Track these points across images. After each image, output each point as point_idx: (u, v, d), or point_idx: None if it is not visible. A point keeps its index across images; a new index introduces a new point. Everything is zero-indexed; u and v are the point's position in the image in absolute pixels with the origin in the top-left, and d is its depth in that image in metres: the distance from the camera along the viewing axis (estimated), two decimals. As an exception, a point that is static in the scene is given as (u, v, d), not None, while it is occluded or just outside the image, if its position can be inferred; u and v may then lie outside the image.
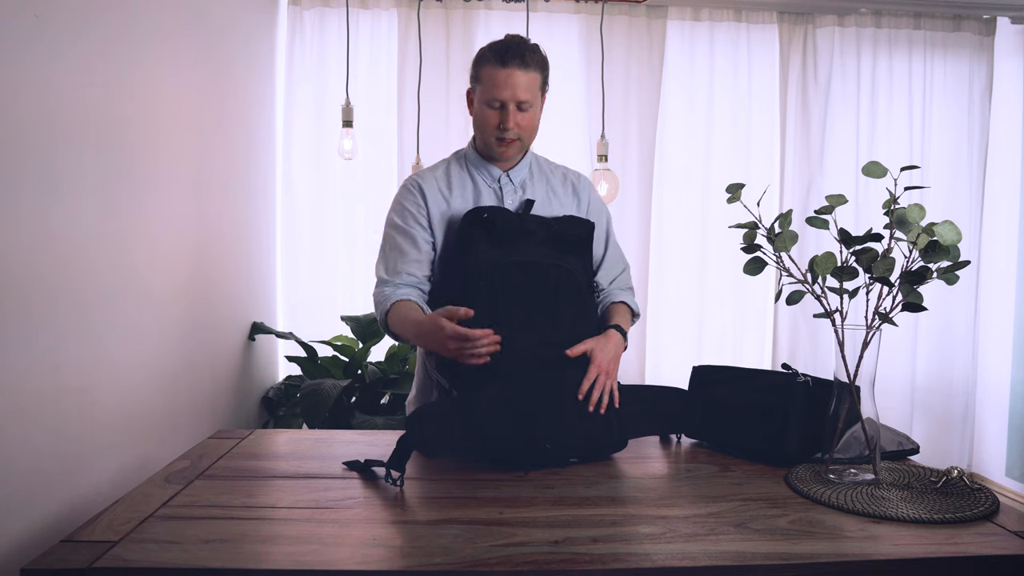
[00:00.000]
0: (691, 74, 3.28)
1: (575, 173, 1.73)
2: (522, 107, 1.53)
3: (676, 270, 3.31)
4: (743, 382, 1.47)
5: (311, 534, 1.02)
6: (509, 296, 1.41)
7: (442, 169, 1.65)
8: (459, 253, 1.50)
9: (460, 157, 1.67)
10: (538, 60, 1.54)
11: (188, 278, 2.08)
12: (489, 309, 1.39)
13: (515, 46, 1.52)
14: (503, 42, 1.53)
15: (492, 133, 1.55)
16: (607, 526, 1.06)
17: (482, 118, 1.56)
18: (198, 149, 2.14)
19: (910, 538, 1.02)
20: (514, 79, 1.50)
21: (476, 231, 1.47)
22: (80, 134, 1.48)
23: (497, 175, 1.63)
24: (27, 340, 1.31)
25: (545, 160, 1.73)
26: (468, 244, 1.47)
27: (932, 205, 3.09)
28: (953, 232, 1.14)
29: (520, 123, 1.54)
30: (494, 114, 1.54)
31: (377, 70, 3.15)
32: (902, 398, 3.38)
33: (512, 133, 1.54)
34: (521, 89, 1.51)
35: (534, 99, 1.54)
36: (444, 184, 1.62)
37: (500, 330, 1.32)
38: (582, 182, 1.71)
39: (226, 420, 2.43)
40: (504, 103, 1.52)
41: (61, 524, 1.38)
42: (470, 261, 1.45)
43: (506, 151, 1.58)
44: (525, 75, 1.51)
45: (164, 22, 1.89)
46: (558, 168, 1.73)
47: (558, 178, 1.70)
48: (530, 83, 1.52)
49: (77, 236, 1.48)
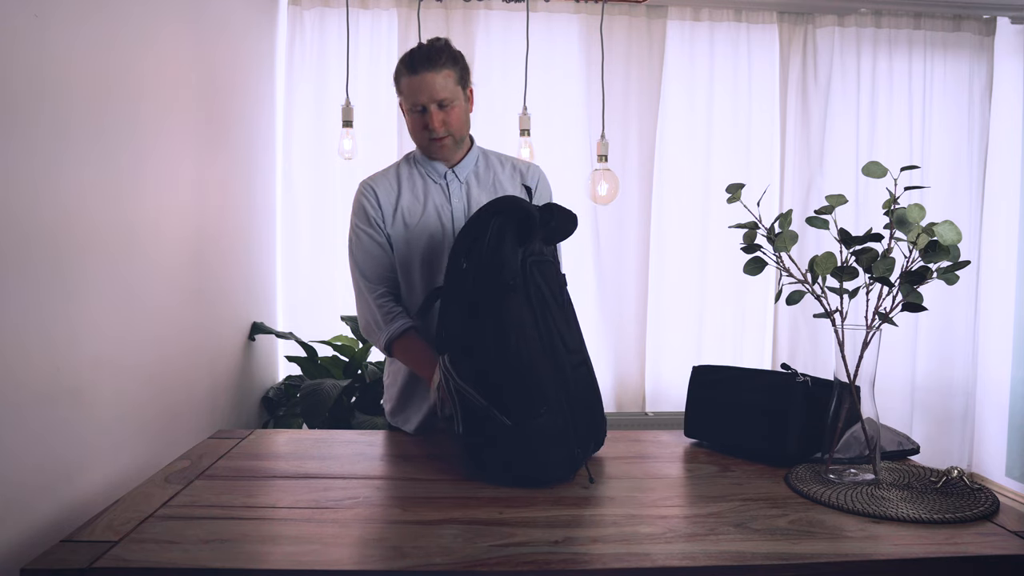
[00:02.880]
0: (691, 74, 3.28)
1: (524, 163, 1.75)
2: (443, 105, 1.57)
3: (676, 270, 3.31)
4: (743, 382, 1.47)
5: (311, 534, 1.02)
6: (537, 299, 1.31)
7: (393, 170, 1.71)
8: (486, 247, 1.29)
9: (409, 159, 1.72)
10: (448, 57, 1.57)
11: (188, 278, 2.08)
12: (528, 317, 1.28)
13: (422, 51, 1.57)
14: (411, 51, 1.58)
15: (422, 136, 1.61)
16: (607, 526, 1.06)
17: (410, 126, 1.62)
18: (198, 149, 2.14)
19: (910, 538, 1.02)
20: (427, 82, 1.54)
21: (503, 229, 1.30)
22: (79, 134, 1.48)
23: (443, 171, 1.67)
24: (27, 340, 1.31)
25: (494, 153, 1.76)
26: (500, 240, 1.28)
27: (932, 205, 3.10)
28: (953, 232, 1.14)
29: (446, 121, 1.58)
30: (419, 118, 1.59)
31: (377, 70, 3.15)
32: (902, 398, 3.38)
33: (440, 132, 1.58)
34: (437, 89, 1.55)
35: (453, 95, 1.58)
36: (394, 182, 1.67)
37: None
38: (531, 171, 1.73)
39: (226, 420, 2.43)
40: (424, 106, 1.57)
41: (61, 524, 1.38)
42: (503, 259, 1.27)
43: (440, 150, 1.63)
44: (438, 75, 1.55)
45: (163, 22, 1.89)
46: (507, 160, 1.75)
47: (507, 170, 1.72)
48: (444, 81, 1.56)
49: (76, 236, 1.48)
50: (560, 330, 1.32)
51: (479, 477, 1.27)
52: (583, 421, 1.32)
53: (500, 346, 1.24)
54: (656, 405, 3.32)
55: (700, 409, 1.53)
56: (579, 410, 1.31)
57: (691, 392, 1.55)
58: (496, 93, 3.15)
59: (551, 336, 1.29)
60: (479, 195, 1.67)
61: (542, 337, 1.27)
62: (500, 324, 1.24)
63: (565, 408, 1.25)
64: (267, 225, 2.98)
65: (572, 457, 1.26)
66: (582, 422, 1.31)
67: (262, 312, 2.88)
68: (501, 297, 1.25)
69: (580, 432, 1.29)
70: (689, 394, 1.55)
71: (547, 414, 1.22)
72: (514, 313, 1.25)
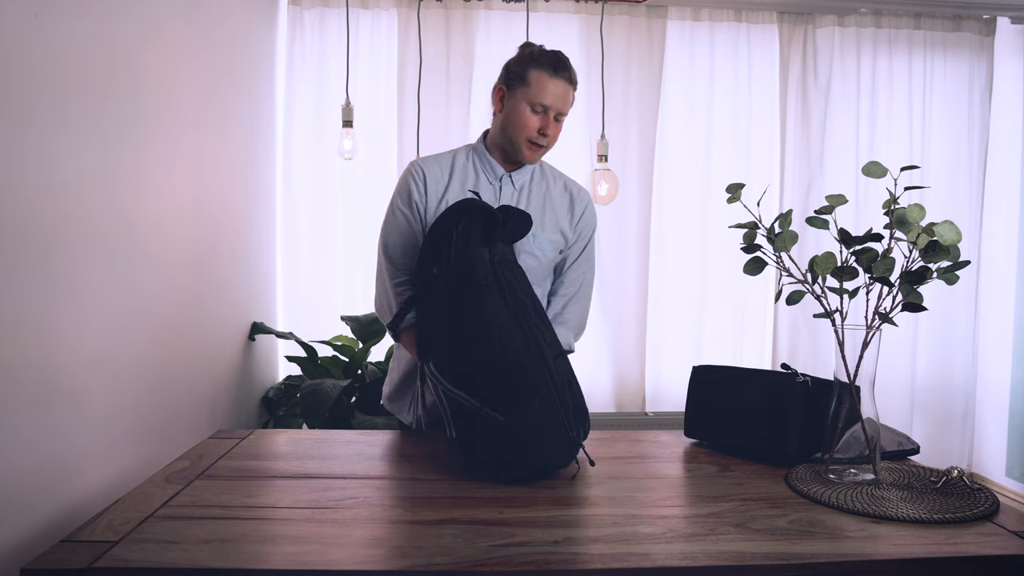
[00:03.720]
0: (691, 74, 3.28)
1: (576, 185, 1.77)
2: (558, 119, 1.61)
3: (676, 270, 3.31)
4: (743, 382, 1.47)
5: (311, 534, 1.02)
6: (511, 295, 1.32)
7: (448, 158, 1.69)
8: (453, 248, 1.31)
9: (469, 149, 1.71)
10: (576, 79, 1.63)
11: (188, 278, 2.08)
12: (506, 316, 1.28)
13: (563, 59, 1.60)
14: (552, 52, 1.60)
15: (528, 135, 1.61)
16: (607, 526, 1.06)
17: (522, 119, 1.60)
18: (197, 148, 2.14)
19: (910, 538, 1.02)
20: (564, 91, 1.59)
21: (470, 229, 1.32)
22: (78, 130, 1.48)
23: (500, 174, 1.67)
24: (26, 339, 1.31)
25: (551, 168, 1.77)
26: (465, 246, 1.31)
27: (932, 205, 3.11)
28: (953, 232, 1.14)
29: (554, 134, 1.62)
30: (536, 118, 1.59)
31: (377, 70, 3.15)
32: (902, 398, 3.38)
33: (546, 140, 1.61)
34: (563, 101, 1.60)
35: (567, 113, 1.63)
36: (447, 170, 1.66)
37: None
38: (581, 195, 1.75)
39: (226, 420, 2.43)
40: (548, 109, 1.58)
41: (61, 524, 1.38)
42: (472, 258, 1.29)
43: (533, 156, 1.63)
44: (571, 90, 1.61)
45: (163, 22, 1.89)
46: (561, 177, 1.76)
47: (559, 187, 1.73)
48: (569, 97, 1.61)
49: (75, 236, 1.47)
50: (537, 324, 1.33)
51: (479, 477, 1.27)
52: (572, 407, 1.32)
53: (484, 345, 1.24)
54: (656, 405, 3.32)
55: (700, 409, 1.53)
56: (566, 398, 1.32)
57: (691, 392, 1.55)
58: (496, 93, 3.15)
59: (531, 330, 1.30)
60: (528, 205, 1.67)
61: (523, 331, 1.28)
62: (480, 323, 1.25)
63: (555, 396, 1.26)
64: (267, 225, 2.98)
65: (569, 441, 1.27)
66: (571, 408, 1.32)
67: (262, 312, 2.89)
68: (477, 296, 1.26)
69: (571, 417, 1.30)
70: (689, 394, 1.55)
71: (540, 404, 1.23)
72: (492, 310, 1.26)
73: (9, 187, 1.25)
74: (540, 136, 1.60)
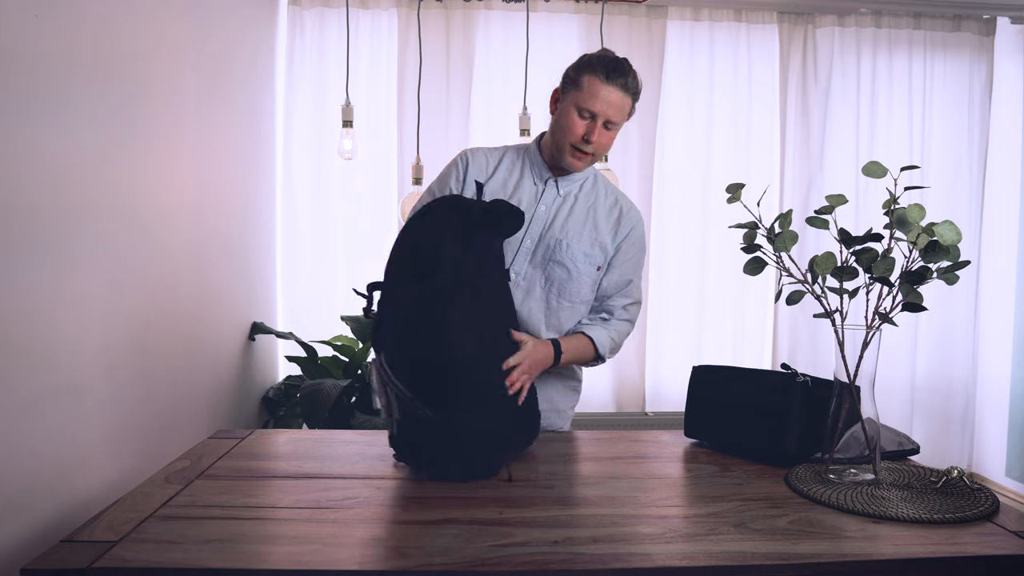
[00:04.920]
0: (691, 74, 3.28)
1: (628, 204, 1.70)
2: (608, 127, 1.55)
3: (676, 270, 3.31)
4: (743, 382, 1.47)
5: (311, 534, 1.02)
6: (474, 294, 1.30)
7: (499, 152, 1.68)
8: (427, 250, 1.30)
9: (521, 149, 1.68)
10: (636, 87, 1.56)
11: (188, 278, 2.08)
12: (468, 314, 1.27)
13: (621, 66, 1.54)
14: (611, 58, 1.55)
15: (572, 140, 1.55)
16: (607, 526, 1.06)
17: (567, 123, 1.55)
18: (197, 148, 2.14)
19: (910, 538, 1.02)
20: (614, 97, 1.52)
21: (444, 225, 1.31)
22: (79, 137, 1.48)
23: (547, 177, 1.64)
24: (26, 339, 1.31)
25: (607, 182, 1.71)
26: (438, 242, 1.29)
27: (932, 205, 3.09)
28: (953, 232, 1.14)
29: (602, 141, 1.55)
30: (582, 123, 1.54)
31: (377, 70, 3.15)
32: (902, 398, 3.38)
33: (591, 148, 1.55)
34: (615, 109, 1.53)
35: (620, 122, 1.57)
36: (493, 163, 1.64)
37: None
38: (629, 217, 1.68)
39: (226, 420, 2.43)
40: (596, 116, 1.53)
41: (61, 524, 1.38)
42: (447, 262, 1.29)
43: (577, 163, 1.58)
44: (623, 97, 1.54)
45: (162, 21, 1.89)
46: (614, 192, 1.70)
47: (609, 201, 1.67)
48: (624, 106, 1.55)
49: (75, 236, 1.47)
50: (502, 327, 1.34)
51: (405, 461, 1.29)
52: (518, 418, 1.34)
53: (435, 344, 1.24)
54: (656, 405, 3.32)
55: (700, 409, 1.53)
56: (514, 407, 1.33)
57: (691, 392, 1.55)
58: (496, 93, 3.15)
59: (492, 333, 1.30)
60: (569, 214, 1.62)
61: (482, 335, 1.28)
62: (437, 323, 1.24)
63: (498, 405, 1.28)
64: (267, 225, 2.98)
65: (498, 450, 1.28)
66: (516, 419, 1.34)
67: (262, 312, 2.88)
68: (435, 294, 1.25)
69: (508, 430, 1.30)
70: (689, 394, 1.55)
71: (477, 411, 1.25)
72: (453, 311, 1.25)
73: (10, 187, 1.25)
74: (584, 143, 1.54)
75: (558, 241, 1.61)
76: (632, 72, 1.56)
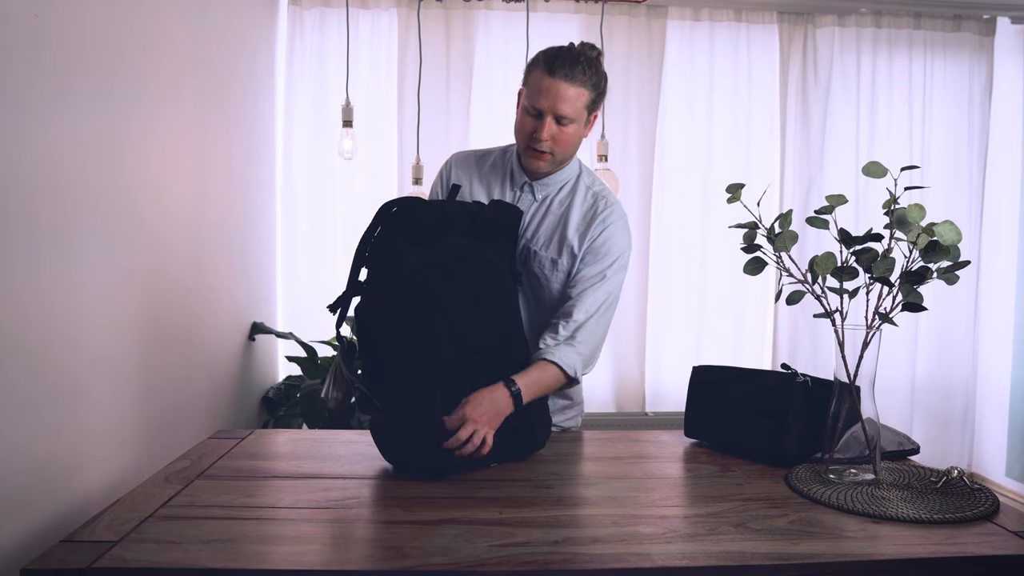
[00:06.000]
0: (691, 74, 3.28)
1: (608, 204, 1.57)
2: (561, 121, 1.45)
3: (676, 270, 3.31)
4: (743, 382, 1.47)
5: (311, 534, 1.02)
6: (430, 301, 1.28)
7: (487, 155, 1.65)
8: (376, 256, 1.31)
9: (508, 152, 1.64)
10: (590, 76, 1.44)
11: (188, 278, 2.08)
12: (409, 317, 1.27)
13: (568, 56, 1.44)
14: (557, 50, 1.46)
15: (524, 140, 1.50)
16: (607, 526, 1.06)
17: (518, 122, 1.51)
18: (197, 149, 2.14)
19: (910, 538, 1.02)
20: (557, 90, 1.42)
21: (392, 228, 1.30)
22: (78, 138, 1.48)
23: (521, 181, 1.58)
24: (26, 339, 1.31)
25: (594, 182, 1.61)
26: (384, 245, 1.30)
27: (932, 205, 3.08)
28: (953, 232, 1.14)
29: (556, 137, 1.46)
30: (530, 121, 1.47)
31: (377, 70, 3.15)
32: (902, 398, 3.38)
33: (544, 145, 1.47)
34: (563, 102, 1.43)
35: (575, 116, 1.46)
36: (475, 166, 1.63)
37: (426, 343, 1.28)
38: (605, 215, 1.55)
39: (226, 420, 2.43)
40: (542, 112, 1.45)
41: (61, 524, 1.38)
42: (388, 264, 1.29)
43: (535, 163, 1.51)
44: (571, 88, 1.43)
45: (162, 21, 1.89)
46: (597, 194, 1.58)
47: (586, 204, 1.56)
48: (575, 98, 1.44)
49: (75, 236, 1.47)
50: (462, 330, 1.31)
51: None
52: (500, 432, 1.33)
53: (383, 339, 1.29)
54: (656, 405, 3.32)
55: (700, 409, 1.53)
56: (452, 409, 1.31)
57: (691, 392, 1.55)
58: (496, 93, 3.15)
59: (442, 337, 1.28)
60: (541, 220, 1.56)
61: (425, 340, 1.27)
62: (382, 320, 1.29)
63: (439, 404, 1.27)
64: (267, 225, 2.98)
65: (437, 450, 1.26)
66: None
67: (262, 312, 2.88)
68: (386, 292, 1.28)
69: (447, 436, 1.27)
70: (689, 394, 1.55)
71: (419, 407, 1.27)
72: (396, 308, 1.27)
73: (10, 187, 1.25)
74: (536, 140, 1.46)
75: (528, 249, 1.55)
76: (585, 62, 1.44)
